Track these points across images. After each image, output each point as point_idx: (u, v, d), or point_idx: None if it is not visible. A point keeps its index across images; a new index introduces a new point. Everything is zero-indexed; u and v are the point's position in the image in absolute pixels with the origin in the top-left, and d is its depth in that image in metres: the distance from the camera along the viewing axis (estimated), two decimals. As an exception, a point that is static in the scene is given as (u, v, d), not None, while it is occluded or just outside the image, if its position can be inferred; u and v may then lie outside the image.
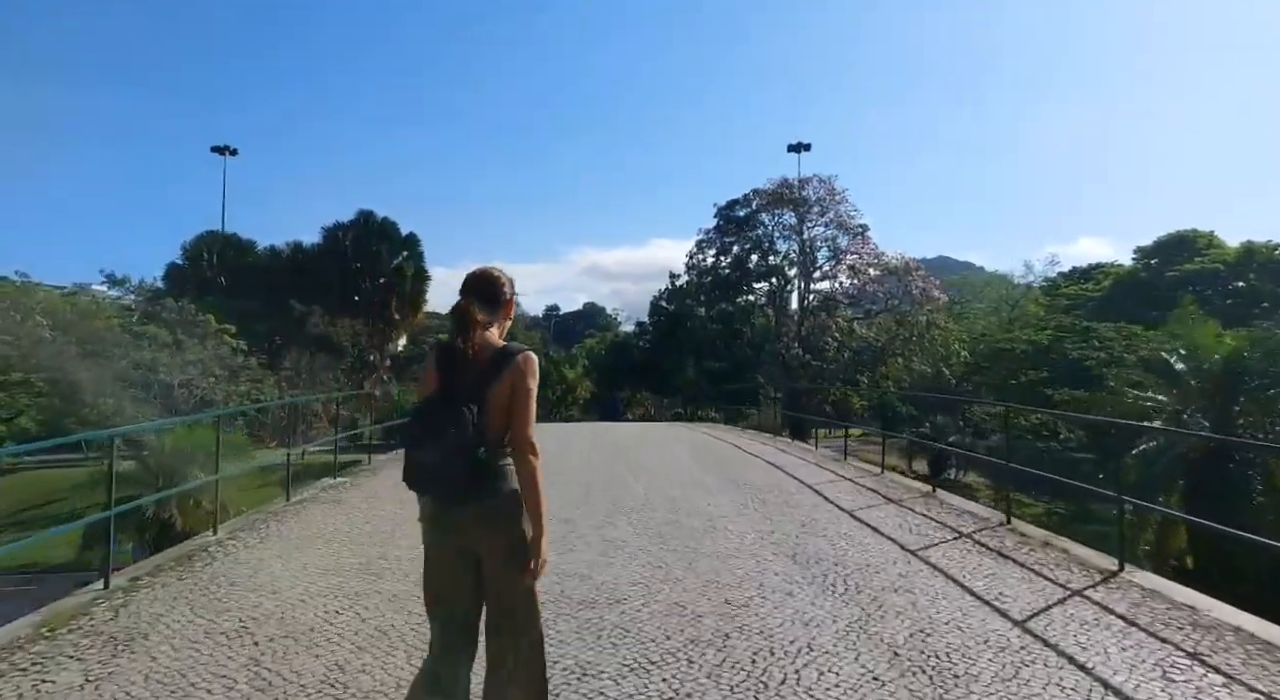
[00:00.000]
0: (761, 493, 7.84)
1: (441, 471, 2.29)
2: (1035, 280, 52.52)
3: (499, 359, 2.41)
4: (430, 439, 2.30)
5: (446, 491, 2.35)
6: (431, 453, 2.30)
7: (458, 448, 2.26)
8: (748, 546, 5.58)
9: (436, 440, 2.28)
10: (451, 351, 2.45)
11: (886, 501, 7.39)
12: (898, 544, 5.63)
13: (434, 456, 2.29)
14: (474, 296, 2.49)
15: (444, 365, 2.43)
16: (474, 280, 2.54)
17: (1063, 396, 33.42)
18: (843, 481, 8.68)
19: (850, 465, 10.25)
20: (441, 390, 2.38)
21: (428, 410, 2.37)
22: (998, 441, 34.28)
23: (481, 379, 2.37)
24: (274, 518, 6.63)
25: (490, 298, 2.53)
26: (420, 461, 2.33)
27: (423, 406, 2.43)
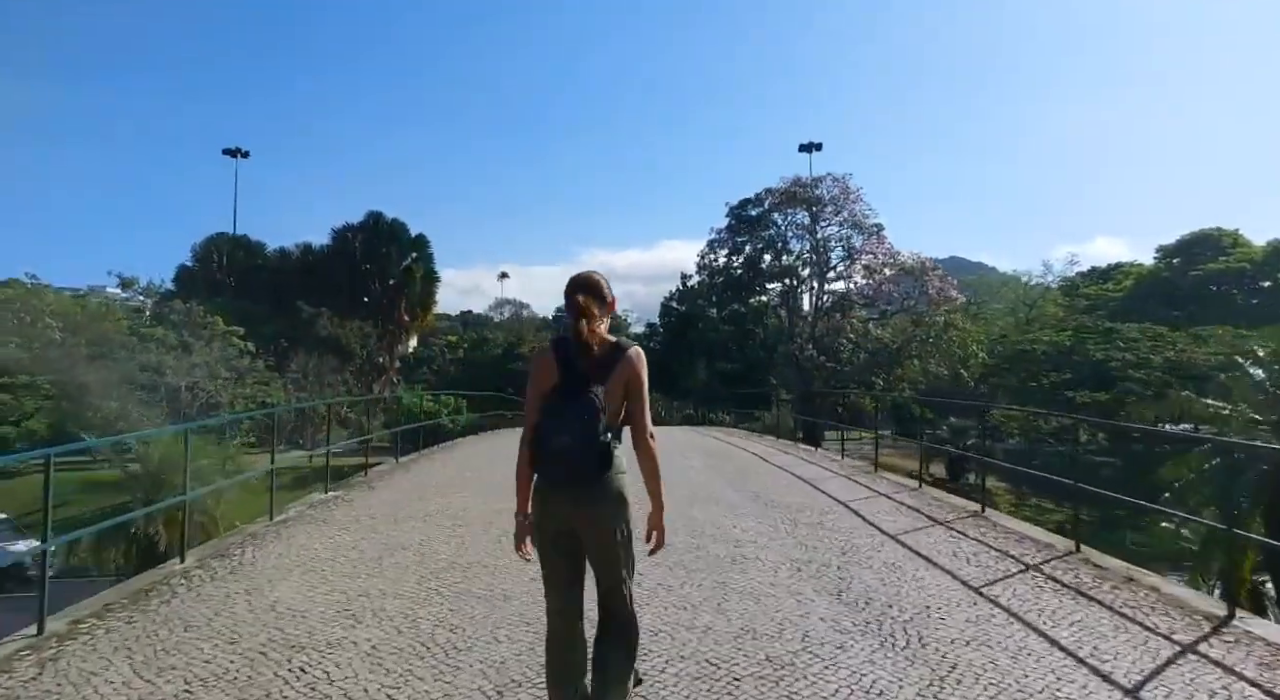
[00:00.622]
0: (791, 512, 7.12)
1: (573, 456, 2.49)
2: (1053, 280, 51.41)
3: (613, 353, 2.62)
4: (563, 425, 2.50)
5: (575, 475, 2.54)
6: (565, 438, 2.49)
7: (588, 434, 2.48)
8: (784, 581, 4.86)
9: (569, 427, 2.49)
10: (568, 346, 2.62)
11: (932, 523, 6.65)
12: (957, 579, 4.89)
13: (567, 441, 2.48)
14: (586, 294, 2.64)
15: (563, 358, 2.61)
16: (584, 280, 2.70)
17: (1084, 399, 32.52)
18: (879, 498, 7.94)
19: (883, 478, 9.50)
20: (565, 381, 2.58)
21: (557, 399, 2.55)
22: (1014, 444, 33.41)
23: (599, 371, 2.58)
24: (251, 541, 5.97)
25: (599, 296, 2.69)
26: (553, 447, 2.51)
27: (552, 396, 2.58)
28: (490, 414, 24.29)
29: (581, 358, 2.60)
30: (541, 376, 2.66)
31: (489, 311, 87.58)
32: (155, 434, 12.42)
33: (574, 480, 2.57)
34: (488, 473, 10.12)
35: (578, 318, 2.61)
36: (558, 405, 2.55)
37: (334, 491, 8.37)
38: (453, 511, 7.17)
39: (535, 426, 2.59)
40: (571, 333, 2.62)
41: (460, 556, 5.48)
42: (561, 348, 2.66)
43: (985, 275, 66.34)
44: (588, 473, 2.54)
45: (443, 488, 8.70)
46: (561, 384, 2.59)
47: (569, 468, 2.53)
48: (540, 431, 2.56)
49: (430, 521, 6.71)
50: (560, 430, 2.51)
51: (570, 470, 2.54)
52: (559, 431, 2.51)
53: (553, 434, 2.52)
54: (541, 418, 2.57)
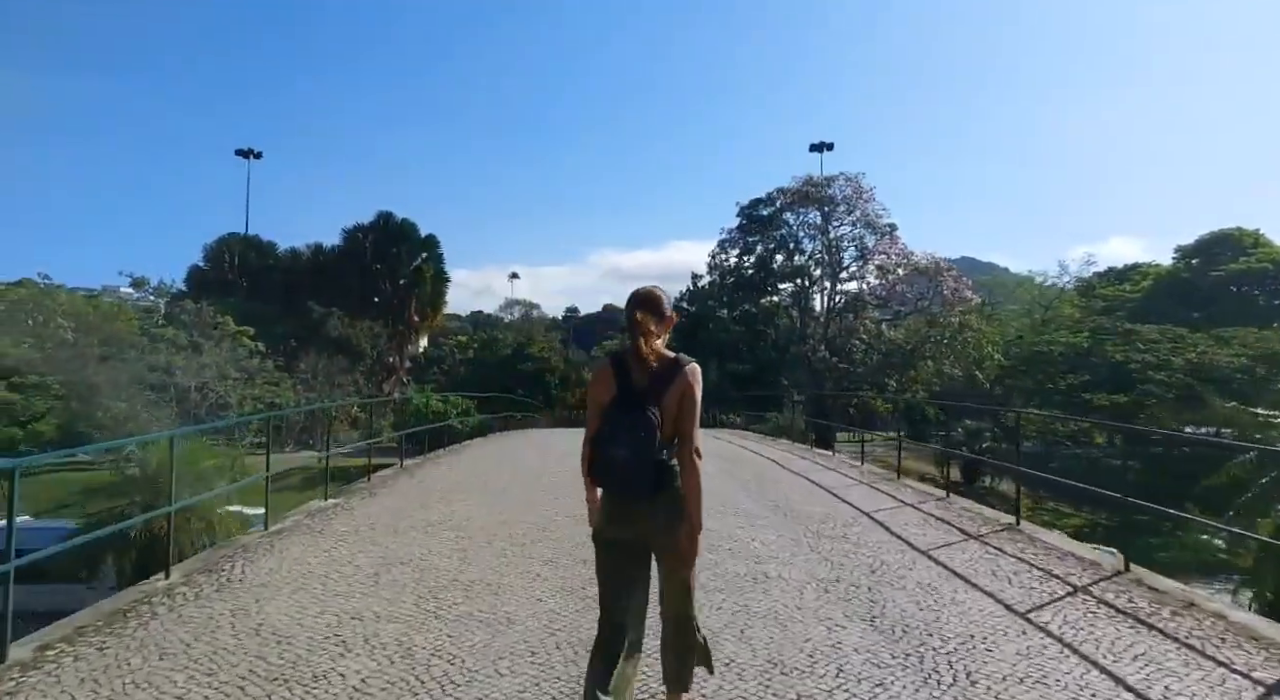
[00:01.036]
0: (813, 523, 6.73)
1: (629, 470, 2.55)
2: (1069, 281, 50.70)
3: (670, 368, 2.67)
4: (619, 439, 2.56)
5: (633, 487, 2.59)
6: (621, 451, 2.55)
7: (645, 447, 2.53)
8: (810, 604, 4.48)
9: (625, 441, 2.55)
10: (625, 360, 2.70)
11: (965, 537, 6.24)
12: (1000, 602, 4.50)
13: (625, 454, 2.54)
14: (644, 310, 2.70)
15: (621, 372, 2.67)
16: (643, 296, 2.75)
17: (1102, 401, 31.91)
18: (905, 508, 7.53)
19: (907, 486, 9.09)
20: (622, 395, 2.63)
21: (615, 412, 2.61)
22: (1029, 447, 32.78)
23: (656, 386, 2.63)
24: (242, 554, 5.63)
25: (657, 312, 2.75)
26: (612, 459, 2.58)
27: (610, 408, 2.63)
28: (500, 415, 23.96)
29: (639, 373, 2.67)
30: (600, 389, 2.72)
31: (499, 312, 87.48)
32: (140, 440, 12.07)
33: (629, 493, 2.64)
34: (494, 478, 9.79)
35: (635, 334, 2.68)
36: (615, 418, 2.61)
37: (334, 499, 8.03)
38: (456, 521, 6.82)
39: (593, 438, 2.66)
40: (632, 347, 2.70)
41: (462, 573, 5.13)
42: (620, 361, 2.73)
43: (998, 276, 65.62)
44: (642, 487, 2.59)
45: (447, 494, 8.36)
46: (618, 397, 2.65)
47: (623, 481, 2.61)
48: (598, 442, 2.63)
49: (432, 533, 6.37)
50: (616, 443, 2.58)
51: (625, 483, 2.62)
52: (615, 444, 2.58)
53: (610, 446, 2.60)
54: (600, 430, 2.64)
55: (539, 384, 43.09)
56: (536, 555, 5.61)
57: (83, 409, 29.27)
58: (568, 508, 7.46)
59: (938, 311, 40.90)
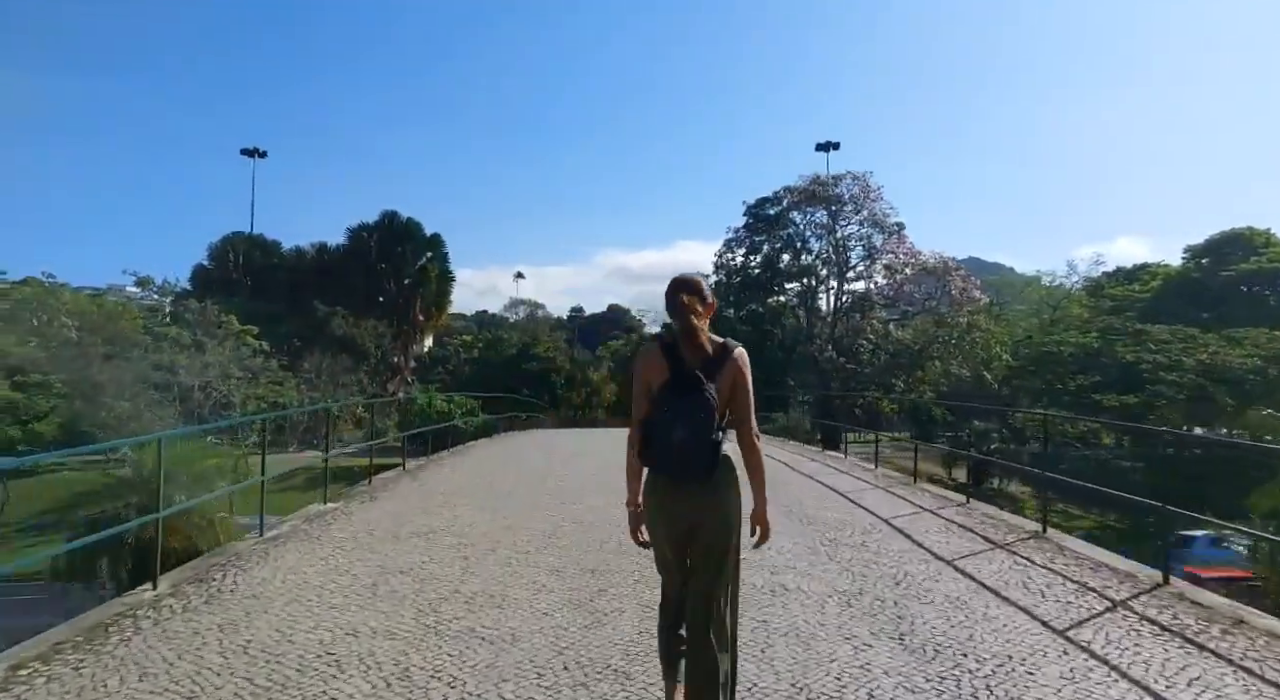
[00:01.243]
0: (830, 530, 6.45)
1: (688, 450, 2.56)
2: (1078, 281, 50.29)
3: (720, 352, 2.67)
4: (678, 420, 2.57)
5: (691, 469, 2.59)
6: (681, 432, 2.55)
7: (704, 428, 2.55)
8: (834, 619, 4.21)
9: (685, 422, 2.56)
10: (675, 346, 2.68)
11: (990, 545, 5.96)
12: (1036, 618, 4.22)
13: (684, 435, 2.55)
14: (689, 294, 2.69)
15: (671, 355, 2.67)
16: (686, 281, 2.76)
17: (1111, 402, 31.56)
18: (924, 514, 7.26)
19: (924, 490, 8.81)
20: (675, 377, 2.63)
21: (671, 395, 2.61)
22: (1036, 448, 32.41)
23: (706, 370, 2.62)
24: (235, 563, 5.39)
25: (701, 295, 2.72)
26: (669, 440, 2.57)
27: (664, 392, 2.63)
28: (505, 416, 23.70)
29: (690, 356, 2.65)
30: (650, 373, 2.71)
31: (504, 312, 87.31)
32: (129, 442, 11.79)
33: (686, 475, 2.62)
34: (499, 480, 9.54)
35: (685, 317, 2.66)
36: (672, 401, 2.61)
37: (333, 503, 7.79)
38: (458, 528, 6.57)
39: (646, 421, 2.64)
40: (679, 332, 2.68)
41: (464, 584, 4.88)
42: (669, 345, 2.72)
43: (1005, 276, 65.19)
44: (700, 468, 2.60)
45: (450, 498, 8.12)
46: (672, 381, 2.64)
47: (683, 462, 2.60)
48: (653, 426, 2.62)
49: (433, 539, 6.12)
50: (675, 425, 2.57)
51: (684, 465, 2.60)
52: (674, 426, 2.57)
53: (668, 428, 2.58)
54: (654, 413, 2.63)
55: (544, 384, 42.87)
56: (542, 564, 5.35)
57: (85, 408, 29.16)
58: (574, 513, 7.20)
59: (945, 312, 40.60)
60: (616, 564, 5.37)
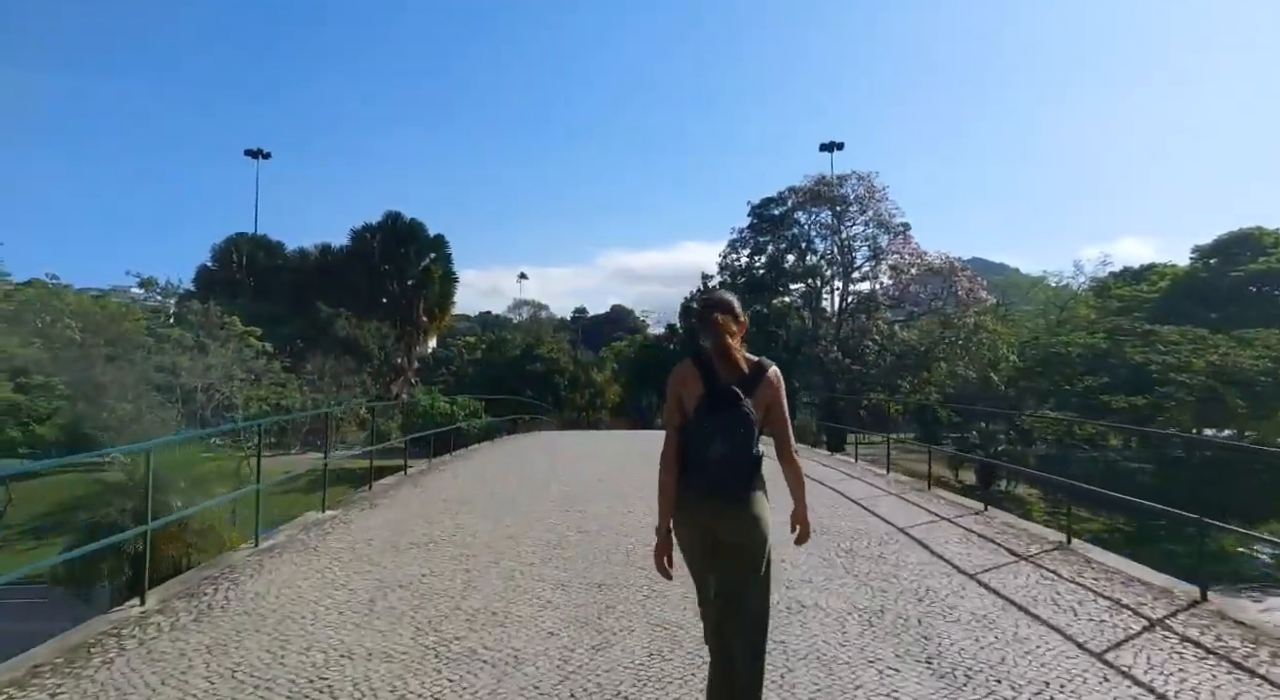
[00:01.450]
0: (845, 541, 6.23)
1: (728, 466, 2.60)
2: (1085, 281, 49.95)
3: (755, 370, 2.73)
4: (717, 436, 2.61)
5: (730, 485, 2.62)
6: (720, 447, 2.60)
7: (744, 444, 2.60)
8: (855, 640, 3.99)
9: (724, 437, 2.60)
10: (709, 363, 2.72)
11: (1014, 558, 5.73)
12: (1070, 639, 3.99)
13: (723, 451, 2.59)
14: (723, 313, 2.76)
15: (707, 374, 2.70)
16: (719, 300, 2.84)
17: (1120, 404, 31.27)
18: (941, 523, 7.02)
19: (939, 497, 8.57)
20: (712, 394, 2.66)
21: (709, 411, 2.64)
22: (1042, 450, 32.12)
23: (743, 388, 2.66)
24: (228, 576, 5.19)
25: (734, 314, 2.79)
26: (708, 456, 2.61)
27: (701, 409, 2.65)
28: (508, 418, 23.49)
29: (725, 373, 2.68)
30: (684, 390, 2.73)
31: (508, 313, 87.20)
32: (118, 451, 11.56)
33: (724, 491, 2.63)
34: (502, 486, 9.33)
35: (719, 335, 2.71)
36: (710, 417, 2.63)
37: (332, 510, 7.58)
38: (461, 537, 6.36)
39: (683, 437, 2.69)
40: (714, 350, 2.71)
41: (465, 599, 4.67)
42: (703, 362, 2.74)
43: (1010, 277, 64.89)
44: (739, 484, 2.62)
45: (452, 505, 7.91)
46: (709, 398, 2.66)
47: (720, 478, 2.61)
48: (691, 442, 2.66)
49: (434, 551, 5.91)
50: (714, 441, 2.60)
51: (722, 481, 2.62)
52: (712, 442, 2.60)
53: (706, 444, 2.61)
54: (692, 429, 2.66)
55: (547, 385, 42.68)
56: (547, 578, 5.14)
57: (87, 410, 29.05)
58: (579, 521, 6.99)
59: (952, 312, 40.36)
60: (624, 577, 5.15)
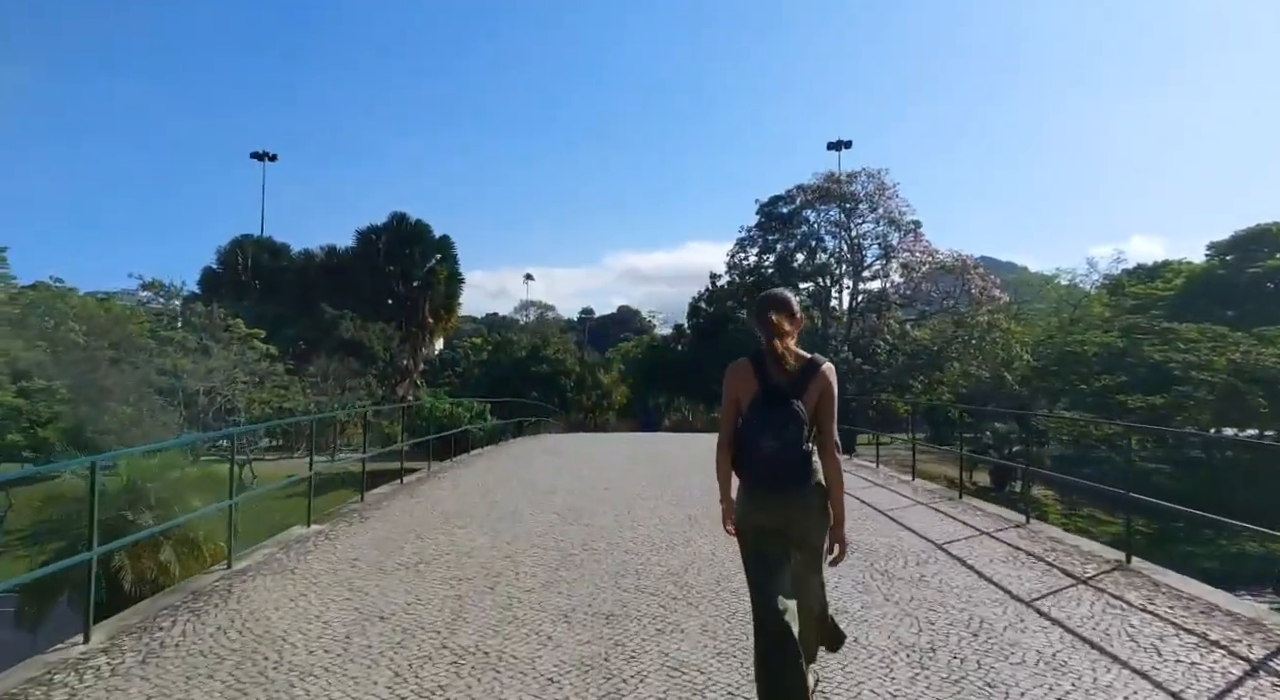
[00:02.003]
0: (879, 560, 5.63)
1: (778, 461, 2.71)
2: (1097, 279, 49.14)
3: (808, 367, 2.82)
4: (767, 432, 2.71)
5: (782, 479, 2.75)
6: (770, 443, 2.70)
7: (795, 440, 2.70)
8: (906, 688, 3.40)
9: (774, 433, 2.70)
10: (763, 358, 2.83)
11: (1070, 580, 5.12)
12: (1162, 688, 3.39)
13: (774, 446, 2.70)
14: (778, 312, 2.86)
15: (761, 371, 2.81)
16: (776, 299, 2.94)
17: (1137, 404, 30.56)
18: (981, 538, 6.41)
19: (973, 507, 7.94)
20: (765, 391, 2.77)
21: (761, 408, 2.75)
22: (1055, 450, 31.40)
23: (796, 384, 2.78)
24: (190, 605, 4.64)
25: (790, 313, 2.90)
26: (760, 452, 2.72)
27: (754, 405, 2.77)
28: (513, 420, 22.92)
29: (778, 370, 2.77)
30: (739, 387, 2.84)
31: (514, 314, 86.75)
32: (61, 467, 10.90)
33: (777, 485, 2.75)
34: (502, 495, 8.76)
35: (772, 335, 2.80)
36: (762, 413, 2.73)
37: (318, 525, 7.03)
38: (454, 557, 5.79)
39: (737, 433, 2.80)
40: (768, 348, 2.81)
41: (454, 634, 4.10)
42: (759, 360, 2.84)
43: (1019, 275, 64.06)
44: (791, 478, 2.73)
45: (447, 519, 7.34)
46: (761, 394, 2.76)
47: (773, 473, 2.73)
48: (744, 438, 2.76)
49: (424, 573, 5.34)
50: (765, 437, 2.70)
51: (774, 475, 2.73)
52: (765, 437, 2.70)
53: (758, 440, 2.72)
54: (745, 425, 2.77)
55: (553, 387, 42.12)
56: (548, 607, 4.56)
57: (89, 414, 28.70)
58: (584, 537, 6.42)
59: (965, 311, 39.70)
60: (635, 605, 4.57)
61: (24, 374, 31.36)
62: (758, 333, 2.89)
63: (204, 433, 24.47)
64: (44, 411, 30.69)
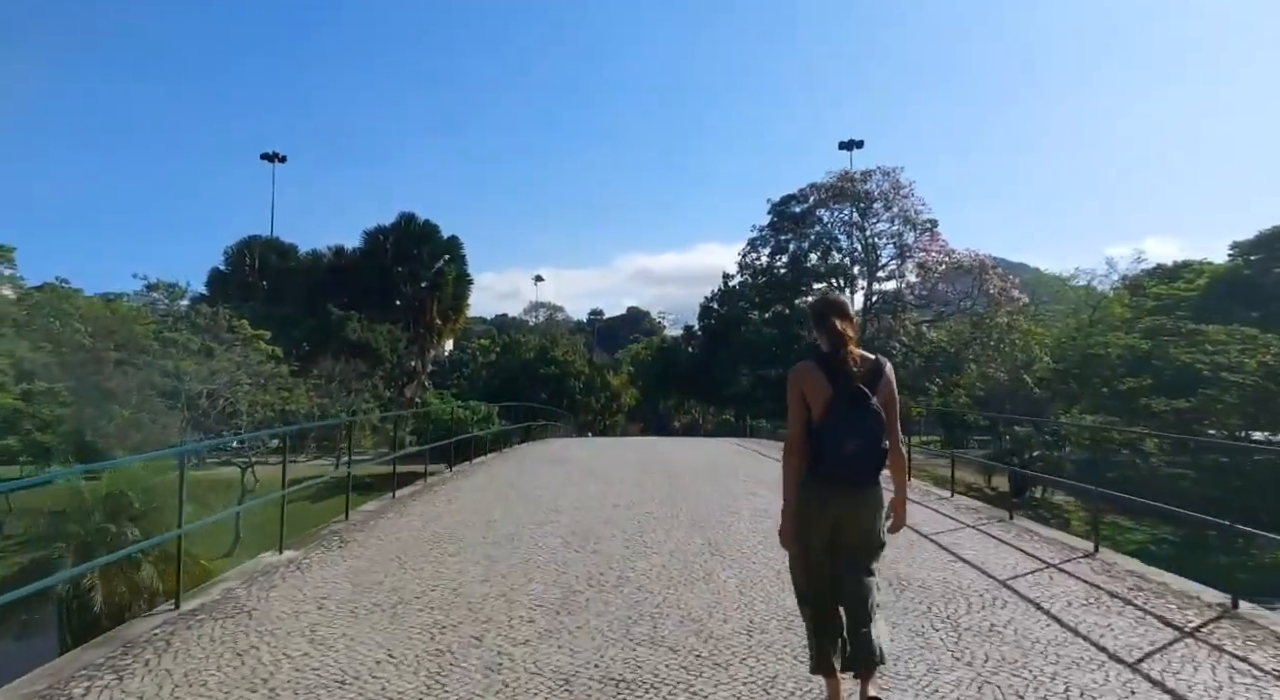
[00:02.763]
0: (934, 601, 4.79)
1: (863, 458, 2.92)
2: (1115, 280, 48.02)
3: (874, 367, 3.03)
4: (852, 431, 2.90)
5: (859, 475, 2.97)
6: (855, 441, 2.89)
7: (876, 437, 2.92)
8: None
9: (858, 432, 2.90)
10: (829, 361, 3.01)
11: (1174, 632, 4.26)
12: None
13: (858, 443, 2.89)
14: (841, 319, 3.07)
15: (831, 374, 2.97)
16: (837, 306, 3.15)
17: (1161, 407, 29.57)
18: (1050, 572, 5.55)
19: (1027, 530, 7.06)
20: (840, 393, 2.94)
21: (841, 408, 2.93)
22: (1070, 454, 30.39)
23: (867, 384, 2.97)
24: (116, 661, 3.87)
25: (851, 318, 3.14)
26: (843, 450, 2.91)
27: (831, 406, 2.94)
28: (520, 425, 22.15)
29: (848, 373, 2.95)
30: (810, 389, 2.99)
31: (523, 315, 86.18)
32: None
33: (857, 480, 2.98)
34: (501, 513, 7.96)
35: (839, 340, 3.02)
36: (844, 414, 2.92)
37: (291, 551, 6.24)
38: (440, 595, 5.00)
39: (816, 433, 2.96)
40: (842, 353, 2.99)
41: (427, 710, 3.29)
42: (825, 363, 3.01)
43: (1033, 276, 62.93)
44: (870, 474, 3.00)
45: (438, 543, 6.56)
46: (839, 396, 2.93)
47: (856, 469, 2.95)
48: (827, 436, 2.93)
49: (402, 617, 4.55)
50: (849, 436, 2.90)
51: (857, 471, 2.96)
52: (846, 438, 2.90)
53: (841, 440, 2.91)
54: (825, 426, 2.93)
55: (562, 389, 41.34)
56: (545, 666, 3.76)
57: (89, 417, 28.20)
58: (591, 568, 5.61)
59: (983, 312, 38.76)
60: (651, 665, 3.76)
61: (29, 375, 30.92)
62: (816, 338, 3.10)
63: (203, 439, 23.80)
64: (45, 414, 30.20)
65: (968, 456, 23.47)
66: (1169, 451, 28.13)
